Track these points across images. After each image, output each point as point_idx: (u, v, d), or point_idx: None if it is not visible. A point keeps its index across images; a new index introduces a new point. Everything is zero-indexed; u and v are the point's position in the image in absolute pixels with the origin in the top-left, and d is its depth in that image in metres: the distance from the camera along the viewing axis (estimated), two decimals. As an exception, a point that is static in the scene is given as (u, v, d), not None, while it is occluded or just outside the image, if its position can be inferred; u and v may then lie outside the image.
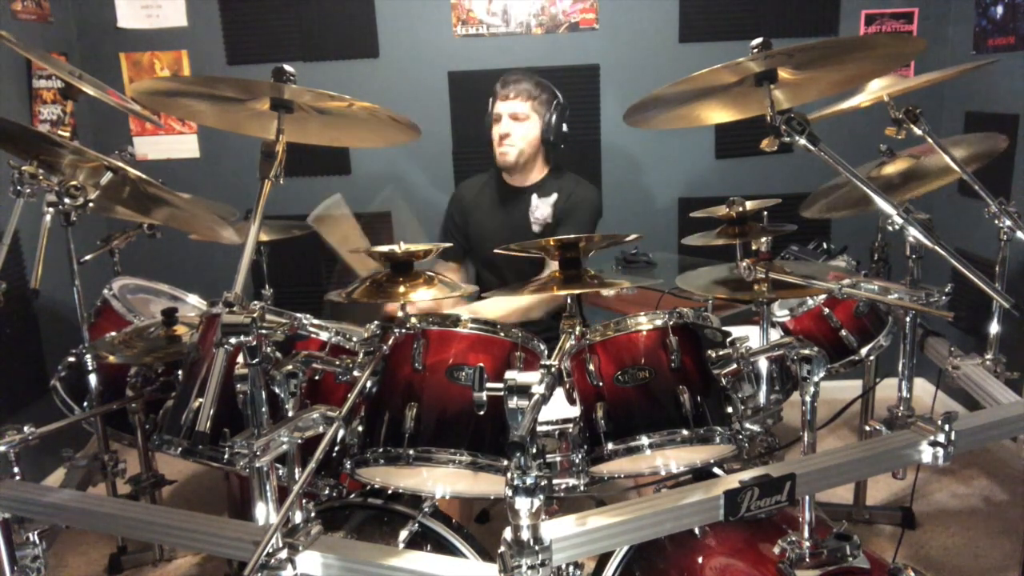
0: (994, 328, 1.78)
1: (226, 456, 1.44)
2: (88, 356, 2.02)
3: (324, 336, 1.55)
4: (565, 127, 2.48)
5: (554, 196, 2.51)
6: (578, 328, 1.41)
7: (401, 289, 1.51)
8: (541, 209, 2.49)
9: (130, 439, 2.22)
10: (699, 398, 1.40)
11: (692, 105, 1.58)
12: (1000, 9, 2.89)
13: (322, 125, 1.56)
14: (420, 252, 1.56)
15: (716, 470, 1.60)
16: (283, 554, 1.17)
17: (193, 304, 2.52)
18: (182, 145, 3.42)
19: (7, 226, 1.63)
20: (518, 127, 2.42)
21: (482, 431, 1.38)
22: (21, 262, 2.71)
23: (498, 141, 2.45)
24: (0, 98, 2.85)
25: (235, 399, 1.19)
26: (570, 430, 1.46)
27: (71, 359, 2.19)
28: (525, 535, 1.05)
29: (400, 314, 1.47)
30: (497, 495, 1.43)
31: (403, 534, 1.51)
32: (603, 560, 1.55)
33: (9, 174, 1.63)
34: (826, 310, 2.15)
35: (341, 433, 1.32)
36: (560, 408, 1.45)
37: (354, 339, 1.53)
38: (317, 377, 1.46)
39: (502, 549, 1.06)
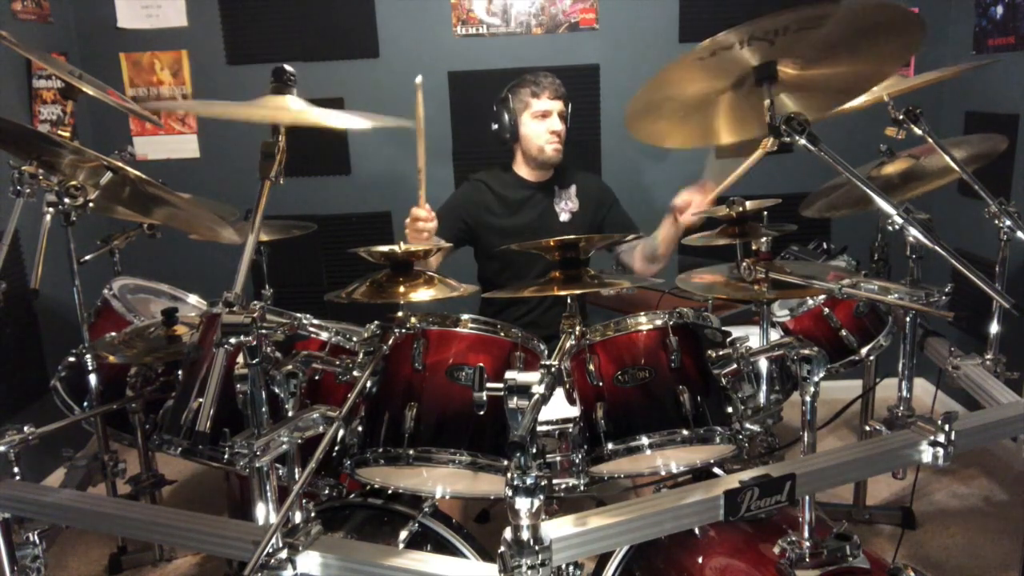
0: (994, 328, 1.78)
1: (226, 456, 1.44)
2: (88, 356, 2.02)
3: (324, 336, 1.55)
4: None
5: (573, 186, 2.60)
6: (578, 328, 1.41)
7: (401, 289, 1.51)
8: (566, 200, 2.58)
9: (130, 439, 2.22)
10: (699, 398, 1.40)
11: (695, 119, 1.58)
12: (1000, 9, 2.89)
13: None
14: (420, 252, 1.56)
15: (716, 470, 1.60)
16: (283, 554, 1.17)
17: (193, 304, 2.52)
18: (182, 145, 3.42)
19: (7, 226, 1.63)
20: (564, 126, 2.50)
21: (482, 431, 1.38)
22: (21, 262, 2.71)
23: (550, 137, 2.48)
24: (0, 98, 2.85)
25: (235, 399, 1.19)
26: (570, 430, 1.46)
27: (71, 359, 2.19)
28: (525, 535, 1.05)
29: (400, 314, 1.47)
30: (497, 495, 1.43)
31: (403, 534, 1.51)
32: (603, 560, 1.55)
33: (9, 174, 1.63)
34: (826, 310, 2.15)
35: (341, 433, 1.32)
36: (560, 408, 1.44)
37: (354, 339, 1.53)
38: (317, 377, 1.46)
39: (502, 549, 1.06)
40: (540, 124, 2.47)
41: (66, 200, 1.63)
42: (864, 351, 2.15)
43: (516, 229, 2.53)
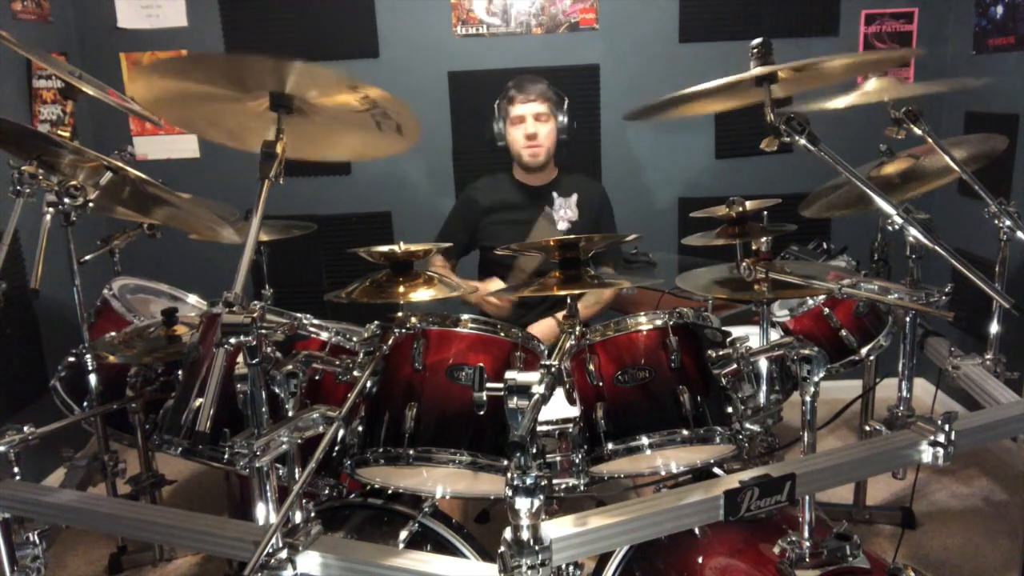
0: (994, 328, 1.78)
1: (226, 456, 1.44)
2: (88, 356, 2.02)
3: (324, 336, 1.55)
4: (575, 124, 2.57)
5: (575, 195, 2.59)
6: (578, 328, 1.41)
7: (401, 289, 1.51)
8: (566, 208, 2.57)
9: (130, 439, 2.22)
10: (699, 398, 1.40)
11: (691, 102, 1.58)
12: (1000, 9, 2.89)
13: (322, 132, 1.55)
14: (420, 252, 1.56)
15: (716, 470, 1.60)
16: (283, 554, 1.17)
17: (193, 304, 2.52)
18: (182, 145, 3.42)
19: (7, 226, 1.63)
20: (543, 127, 2.49)
21: (482, 431, 1.38)
22: (21, 262, 2.71)
23: (525, 142, 2.50)
24: (0, 98, 2.85)
25: (235, 399, 1.19)
26: (570, 430, 1.46)
27: (71, 359, 2.19)
28: (525, 535, 1.05)
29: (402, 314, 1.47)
30: (497, 495, 1.43)
31: (403, 534, 1.51)
32: (603, 560, 1.55)
33: (9, 174, 1.62)
34: (826, 310, 2.15)
35: (341, 433, 1.32)
36: (560, 408, 1.45)
37: (354, 339, 1.53)
38: (317, 377, 1.46)
39: (502, 549, 1.06)
40: (517, 130, 2.49)
41: (66, 200, 1.63)
42: (864, 351, 2.15)
43: (512, 236, 2.53)
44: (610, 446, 1.39)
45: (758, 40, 1.35)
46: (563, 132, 2.53)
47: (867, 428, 1.68)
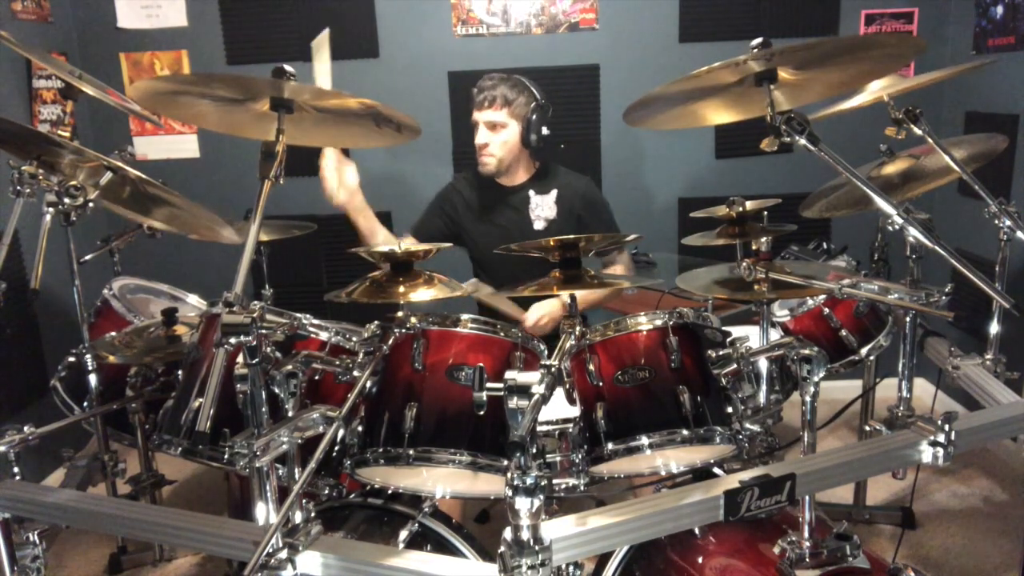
0: (994, 328, 1.78)
1: (226, 456, 1.44)
2: (88, 356, 2.02)
3: (324, 336, 1.55)
4: (545, 129, 2.39)
5: (554, 192, 2.48)
6: (578, 328, 1.41)
7: (401, 289, 1.51)
8: (542, 207, 2.47)
9: (130, 439, 2.22)
10: (699, 398, 1.40)
11: (692, 105, 1.58)
12: (1000, 9, 2.89)
13: (322, 125, 1.56)
14: (420, 252, 1.56)
15: (716, 470, 1.60)
16: (283, 554, 1.17)
17: (193, 304, 2.52)
18: (182, 145, 3.42)
19: (7, 226, 1.63)
20: (495, 136, 2.37)
21: (482, 431, 1.38)
22: (21, 262, 2.71)
23: (477, 150, 2.42)
24: (0, 98, 2.86)
25: (235, 399, 1.19)
26: (570, 430, 1.46)
27: (71, 359, 2.19)
28: (525, 535, 1.05)
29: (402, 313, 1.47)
30: (497, 495, 1.43)
31: (403, 534, 1.51)
32: (603, 560, 1.55)
33: (9, 174, 1.63)
34: (826, 310, 2.16)
35: (341, 433, 1.32)
36: (560, 408, 1.44)
37: (354, 339, 1.54)
38: (317, 377, 1.46)
39: (502, 549, 1.06)
40: (475, 136, 2.42)
41: (66, 200, 1.63)
42: (864, 351, 2.15)
43: (488, 234, 2.48)
44: (610, 446, 1.39)
45: (758, 40, 1.34)
46: (528, 136, 2.36)
47: (867, 428, 1.68)
